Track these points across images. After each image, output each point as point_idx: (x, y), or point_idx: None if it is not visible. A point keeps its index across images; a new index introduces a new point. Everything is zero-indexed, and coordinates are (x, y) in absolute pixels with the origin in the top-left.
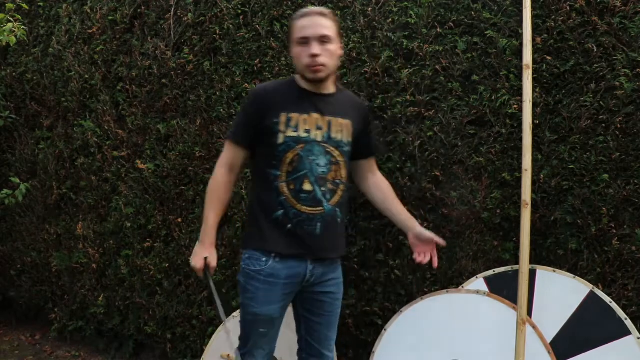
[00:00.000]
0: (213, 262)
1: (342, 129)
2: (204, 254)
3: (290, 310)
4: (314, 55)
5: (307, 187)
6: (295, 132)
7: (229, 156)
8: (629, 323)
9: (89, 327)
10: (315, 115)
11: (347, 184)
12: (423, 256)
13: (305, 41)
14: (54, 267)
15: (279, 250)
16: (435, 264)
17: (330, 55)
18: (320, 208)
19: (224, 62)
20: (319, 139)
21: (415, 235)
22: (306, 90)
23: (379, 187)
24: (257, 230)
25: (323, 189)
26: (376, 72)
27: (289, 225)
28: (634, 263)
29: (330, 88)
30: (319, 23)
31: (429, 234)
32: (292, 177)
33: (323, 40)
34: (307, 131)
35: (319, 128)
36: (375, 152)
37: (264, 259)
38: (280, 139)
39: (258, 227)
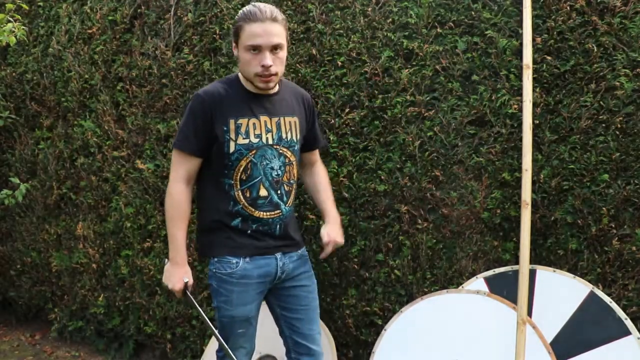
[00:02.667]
0: (190, 279)
1: (291, 128)
2: (181, 274)
3: None
4: (267, 66)
5: (263, 192)
6: (245, 138)
7: (183, 168)
8: (629, 323)
9: (89, 327)
10: (264, 118)
11: (297, 181)
12: (321, 250)
13: (257, 49)
14: (54, 267)
15: (248, 252)
16: (322, 255)
17: (281, 63)
18: (279, 211)
19: (224, 62)
20: (270, 141)
21: (323, 230)
22: (252, 93)
23: (315, 173)
24: (220, 236)
25: (279, 192)
26: (376, 72)
27: (249, 231)
28: (634, 263)
29: (275, 87)
30: (271, 31)
31: (324, 238)
32: (246, 185)
33: (275, 48)
34: (258, 136)
35: (268, 131)
36: (319, 144)
37: (234, 261)
38: (232, 147)
39: (220, 233)
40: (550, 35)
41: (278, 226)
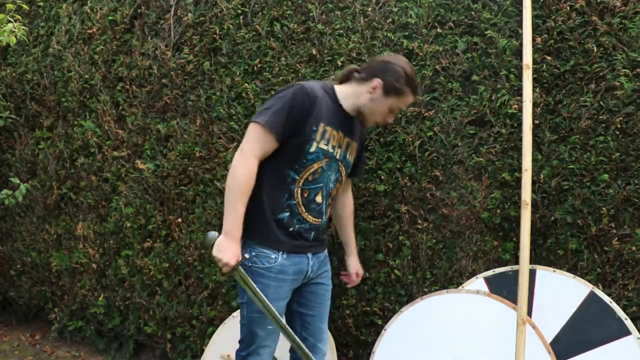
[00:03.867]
0: (246, 254)
1: (353, 151)
2: (237, 249)
3: None
4: (387, 123)
5: (319, 199)
6: (326, 145)
7: (262, 146)
8: (629, 323)
9: (89, 327)
10: (341, 134)
11: None
12: (348, 278)
13: (397, 109)
14: (54, 267)
15: (285, 249)
16: (351, 283)
17: None
18: (319, 220)
19: (224, 62)
20: (338, 157)
21: (347, 262)
22: (342, 108)
23: (346, 205)
24: (263, 225)
25: (327, 202)
26: None
27: (291, 229)
28: (634, 263)
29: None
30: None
31: (352, 269)
32: (309, 185)
33: None
34: (334, 147)
35: (340, 147)
36: (358, 174)
37: (273, 256)
38: (313, 147)
39: (264, 222)
40: (550, 35)
41: (313, 232)
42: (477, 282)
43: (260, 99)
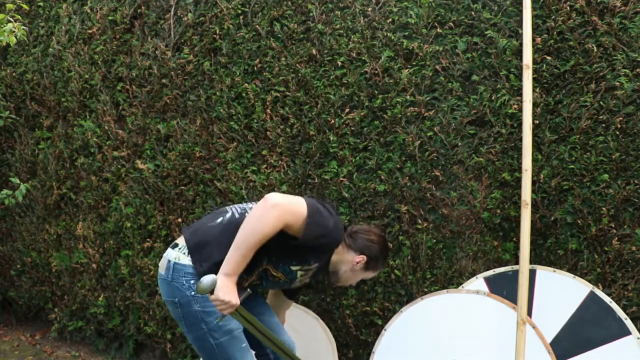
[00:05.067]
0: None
1: (308, 273)
2: (236, 288)
3: (298, 314)
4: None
5: (258, 289)
6: (302, 274)
7: (292, 224)
8: (629, 323)
9: (89, 327)
10: (312, 273)
11: None
12: None
13: (364, 278)
14: (54, 267)
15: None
16: None
17: None
18: (259, 282)
19: (224, 62)
20: (295, 282)
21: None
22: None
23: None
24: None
25: (266, 282)
26: (376, 72)
27: (246, 278)
28: (634, 263)
29: None
30: None
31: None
32: (263, 279)
33: None
34: (301, 277)
35: (303, 279)
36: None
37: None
38: (295, 268)
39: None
40: (550, 35)
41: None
42: (477, 282)
43: (260, 99)
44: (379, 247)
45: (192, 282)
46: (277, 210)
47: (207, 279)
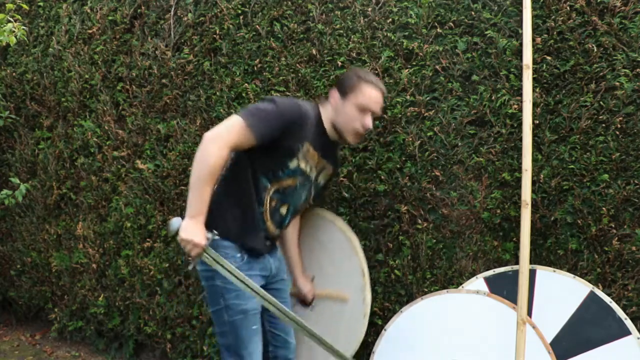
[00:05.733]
0: (215, 234)
1: (325, 176)
2: (204, 230)
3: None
4: (368, 129)
5: (283, 210)
6: (305, 165)
7: (239, 140)
8: (629, 323)
9: (89, 327)
10: (320, 156)
11: None
12: (303, 301)
13: (366, 111)
14: (54, 267)
15: (247, 250)
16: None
17: None
18: (277, 230)
19: (224, 62)
20: (312, 177)
21: (298, 283)
22: (325, 131)
23: (296, 226)
24: (231, 221)
25: (290, 217)
26: (376, 72)
27: (255, 232)
28: (634, 263)
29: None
30: (382, 101)
31: (305, 289)
32: (278, 196)
33: (375, 117)
34: (311, 168)
35: (315, 168)
36: (321, 202)
37: (238, 255)
38: (294, 163)
39: (233, 219)
40: (550, 35)
41: (268, 241)
42: (477, 282)
43: (260, 99)
44: (346, 72)
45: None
46: (214, 140)
47: (172, 222)
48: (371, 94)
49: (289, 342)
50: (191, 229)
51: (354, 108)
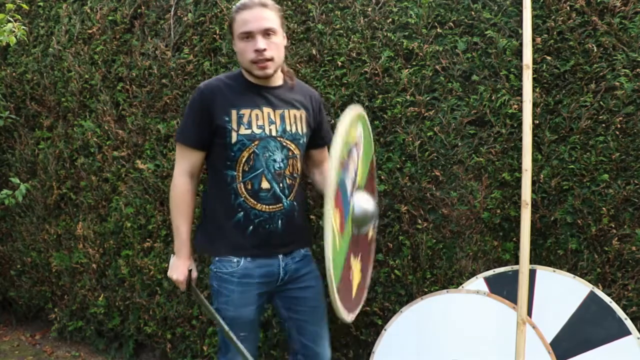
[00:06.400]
0: (194, 272)
1: (296, 121)
2: (185, 266)
3: None
4: (260, 50)
5: (265, 185)
6: (248, 129)
7: (186, 161)
8: (629, 323)
9: (89, 327)
10: (267, 109)
11: (302, 175)
12: None
13: (248, 35)
14: (54, 267)
15: (247, 253)
16: None
17: (276, 48)
18: (280, 205)
19: (224, 62)
20: (274, 133)
21: None
22: (254, 84)
23: (322, 172)
24: (220, 233)
25: (281, 185)
26: (376, 72)
27: (251, 227)
28: (634, 263)
29: (278, 80)
30: (261, 15)
31: None
32: (248, 176)
33: (267, 33)
34: (261, 127)
35: (272, 122)
36: (329, 142)
37: (235, 260)
38: (234, 137)
39: (221, 229)
40: (550, 35)
41: (280, 221)
42: (477, 282)
43: None
44: None
45: (216, 259)
46: (173, 176)
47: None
48: (243, 17)
49: (318, 353)
50: (174, 267)
51: (239, 42)
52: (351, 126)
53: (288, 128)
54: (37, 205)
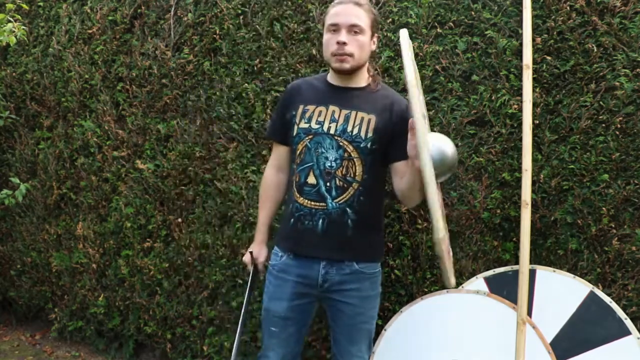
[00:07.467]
0: (260, 257)
1: (362, 124)
2: (251, 248)
3: None
4: (341, 43)
5: (311, 180)
6: (307, 123)
7: (272, 155)
8: (629, 323)
9: (89, 327)
10: (333, 107)
11: (367, 183)
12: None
13: (335, 28)
14: (54, 267)
15: (289, 247)
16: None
17: (359, 46)
18: (323, 204)
19: (224, 62)
20: (332, 131)
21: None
22: (332, 85)
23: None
24: (280, 225)
25: (328, 184)
26: (376, 72)
27: (292, 220)
28: (634, 263)
29: (360, 82)
30: (351, 12)
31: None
32: (299, 168)
33: (354, 29)
34: (320, 123)
35: (333, 120)
36: (404, 156)
37: (279, 255)
38: (295, 130)
39: (281, 222)
40: (550, 35)
41: (321, 221)
42: (477, 282)
43: (260, 98)
44: None
45: (272, 251)
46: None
47: None
48: (335, 10)
49: None
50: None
51: (326, 33)
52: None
53: (349, 129)
54: (37, 205)
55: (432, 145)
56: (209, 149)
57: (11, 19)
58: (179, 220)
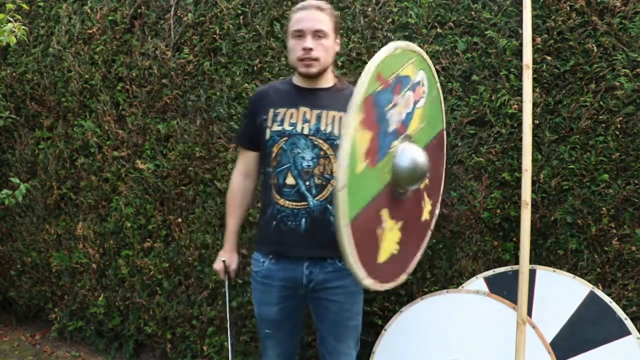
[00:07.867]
0: (232, 265)
1: (334, 122)
2: (222, 257)
3: None
4: (307, 49)
5: (290, 180)
6: (280, 126)
7: (240, 161)
8: (629, 323)
9: (89, 327)
10: (304, 109)
11: None
12: None
13: (300, 34)
14: (54, 267)
15: (271, 250)
16: None
17: (324, 50)
18: (304, 203)
19: (224, 62)
20: (306, 131)
21: None
22: (299, 87)
23: None
24: (258, 230)
25: (307, 183)
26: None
27: (274, 222)
28: (634, 263)
29: (326, 83)
30: (314, 17)
31: None
32: (275, 171)
33: (318, 34)
34: (293, 124)
35: (306, 121)
36: None
37: (261, 261)
38: (267, 134)
39: (259, 227)
40: (550, 35)
41: (304, 220)
42: (477, 282)
43: None
44: None
45: (253, 258)
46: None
47: None
48: (298, 16)
49: None
50: (217, 257)
51: (291, 39)
52: (405, 56)
53: (322, 128)
54: (37, 205)
55: (405, 154)
56: (209, 149)
57: (11, 19)
58: (179, 220)
